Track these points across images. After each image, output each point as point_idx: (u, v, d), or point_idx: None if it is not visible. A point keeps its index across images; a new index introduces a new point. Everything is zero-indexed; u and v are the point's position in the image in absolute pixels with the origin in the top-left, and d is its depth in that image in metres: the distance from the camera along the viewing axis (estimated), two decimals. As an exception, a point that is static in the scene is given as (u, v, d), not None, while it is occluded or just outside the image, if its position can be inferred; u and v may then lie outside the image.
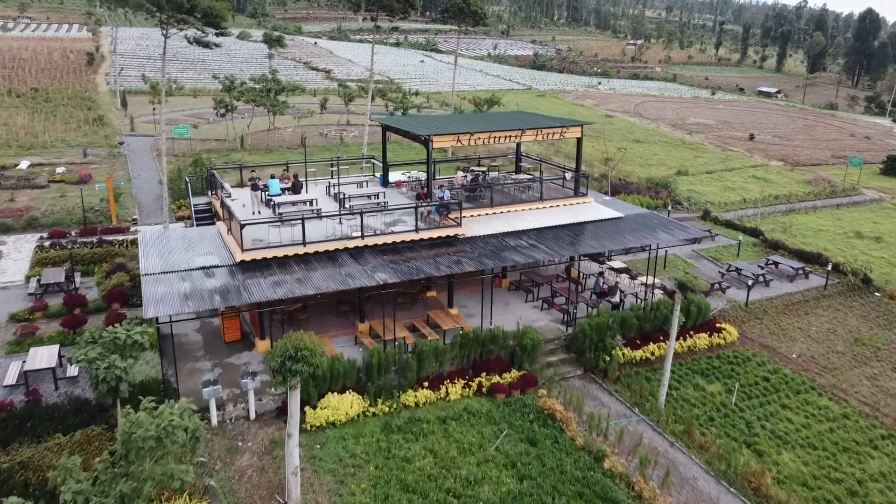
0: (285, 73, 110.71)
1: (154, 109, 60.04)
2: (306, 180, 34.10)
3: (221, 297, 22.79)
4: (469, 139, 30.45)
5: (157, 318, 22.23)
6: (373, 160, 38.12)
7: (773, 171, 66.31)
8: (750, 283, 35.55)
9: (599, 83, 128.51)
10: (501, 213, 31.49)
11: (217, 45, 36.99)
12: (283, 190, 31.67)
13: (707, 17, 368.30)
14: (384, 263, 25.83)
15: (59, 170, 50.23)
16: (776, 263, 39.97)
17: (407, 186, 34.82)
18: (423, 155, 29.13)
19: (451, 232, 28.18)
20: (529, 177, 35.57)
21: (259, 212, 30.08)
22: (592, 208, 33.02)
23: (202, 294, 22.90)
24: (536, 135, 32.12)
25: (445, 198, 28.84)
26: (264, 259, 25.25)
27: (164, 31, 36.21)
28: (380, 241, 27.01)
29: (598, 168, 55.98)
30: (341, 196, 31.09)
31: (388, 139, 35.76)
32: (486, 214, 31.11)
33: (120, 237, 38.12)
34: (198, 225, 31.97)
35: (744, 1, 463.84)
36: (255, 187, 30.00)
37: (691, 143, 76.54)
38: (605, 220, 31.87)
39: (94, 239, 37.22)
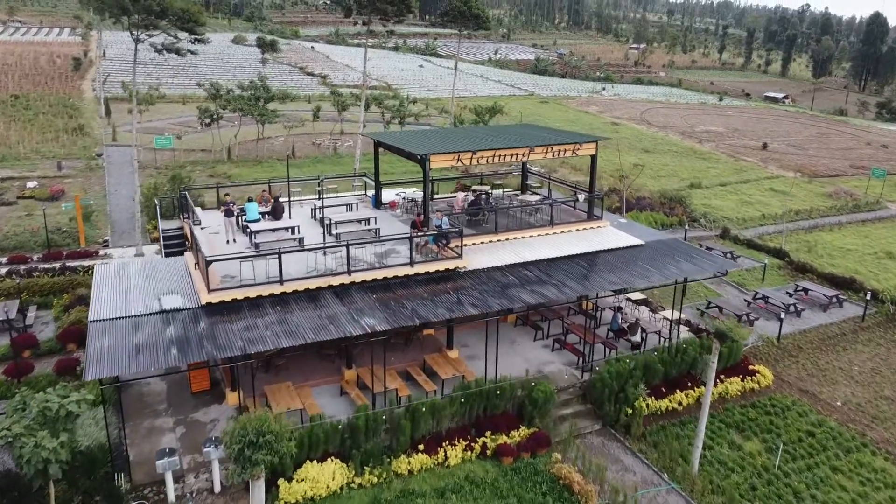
0: (280, 79, 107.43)
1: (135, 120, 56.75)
2: (290, 201, 30.64)
3: (180, 351, 19.30)
4: (471, 158, 27.02)
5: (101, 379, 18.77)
6: (365, 177, 34.71)
7: (790, 183, 62.84)
8: (782, 314, 32.08)
9: (603, 88, 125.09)
10: (507, 239, 28.09)
11: (192, 53, 33.52)
12: (262, 214, 28.31)
13: (709, 21, 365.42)
14: (373, 304, 22.38)
15: (31, 184, 46.79)
16: (806, 290, 36.55)
17: (401, 208, 31.42)
18: (419, 169, 25.81)
19: (450, 265, 24.74)
20: (538, 197, 32.12)
21: (234, 240, 26.69)
22: (609, 234, 29.57)
23: (157, 347, 19.42)
24: (546, 152, 28.69)
25: (444, 226, 25.38)
26: (234, 301, 21.77)
27: (135, 37, 32.80)
28: (369, 276, 23.56)
29: (606, 181, 52.63)
30: (327, 222, 27.70)
31: (383, 153, 32.27)
32: (490, 242, 27.73)
33: (87, 262, 34.68)
34: (167, 254, 28.54)
35: (744, 4, 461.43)
36: (228, 213, 26.56)
37: (702, 153, 73.11)
38: (623, 248, 28.41)
39: (58, 265, 33.76)
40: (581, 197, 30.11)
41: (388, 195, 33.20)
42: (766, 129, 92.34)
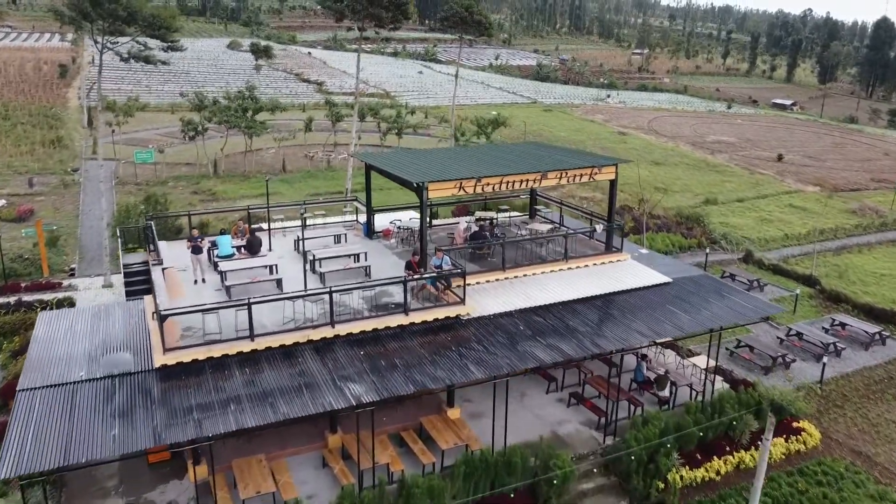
0: (274, 86, 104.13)
1: (113, 132, 53.20)
2: (269, 230, 27.15)
3: (121, 437, 15.80)
4: (475, 186, 23.56)
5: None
6: (356, 201, 31.25)
7: (809, 198, 59.48)
8: (824, 357, 28.62)
9: (608, 96, 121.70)
10: (515, 277, 24.63)
11: (163, 63, 30.10)
12: (237, 248, 24.89)
13: (710, 26, 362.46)
14: (360, 364, 18.92)
15: (-1, 203, 43.39)
16: (843, 324, 33.09)
17: (396, 237, 27.95)
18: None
19: (451, 312, 21.28)
20: (549, 225, 28.63)
21: (203, 280, 23.26)
22: (631, 270, 26.09)
23: (95, 429, 15.95)
24: (560, 177, 25.23)
25: (445, 266, 21.91)
26: (195, 362, 18.28)
27: (100, 45, 29.38)
28: (356, 327, 20.09)
29: (618, 196, 48.96)
30: (310, 257, 24.24)
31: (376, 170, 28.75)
32: (497, 280, 24.29)
33: (48, 296, 31.20)
34: (129, 295, 25.01)
35: (745, 9, 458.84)
36: (196, 249, 23.08)
37: (715, 165, 69.69)
38: (648, 287, 24.92)
39: (13, 300, 30.25)
40: (599, 227, 26.62)
41: (381, 221, 29.79)
42: (779, 139, 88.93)
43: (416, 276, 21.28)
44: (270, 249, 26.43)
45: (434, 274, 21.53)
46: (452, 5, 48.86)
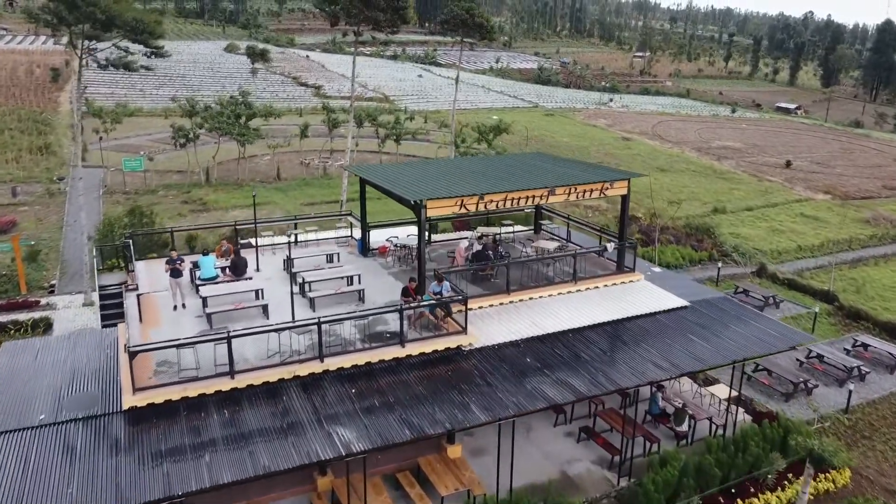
0: (271, 90, 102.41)
1: (101, 139, 51.40)
2: (257, 248, 25.36)
3: (78, 496, 13.99)
4: (477, 203, 21.81)
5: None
6: (350, 216, 29.46)
7: (820, 206, 57.71)
8: (849, 383, 26.84)
9: (611, 99, 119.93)
10: (521, 300, 22.85)
11: (146, 69, 28.32)
12: (221, 270, 23.13)
13: (711, 29, 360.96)
14: (351, 403, 17.18)
15: (-21, 214, 41.58)
16: (865, 345, 31.29)
17: (393, 256, 26.17)
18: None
19: (452, 342, 19.52)
20: (556, 243, 26.84)
21: (184, 305, 21.45)
22: (644, 292, 24.32)
23: (48, 489, 14.14)
24: (569, 193, 23.49)
25: (444, 292, 20.13)
26: (168, 403, 16.51)
27: (78, 51, 27.63)
28: (347, 361, 18.32)
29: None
30: (300, 280, 22.48)
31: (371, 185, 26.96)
32: (501, 304, 22.52)
33: (24, 315, 29.43)
34: (104, 320, 23.24)
35: (745, 11, 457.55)
36: (175, 272, 21.27)
37: (722, 172, 67.92)
38: (664, 312, 23.14)
39: (-15, 321, 28.47)
40: (610, 246, 24.84)
41: (377, 237, 28.02)
42: (786, 144, 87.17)
43: (413, 304, 19.48)
44: (258, 269, 24.69)
45: (433, 301, 19.74)
46: (453, 8, 47.11)
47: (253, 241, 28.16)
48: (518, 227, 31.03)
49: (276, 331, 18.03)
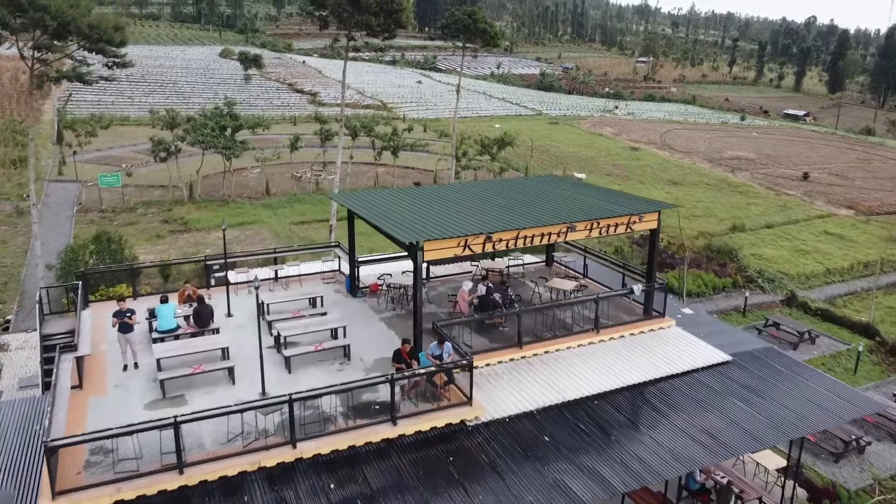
0: (266, 96, 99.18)
1: (74, 153, 47.99)
2: (228, 289, 21.91)
3: None
4: (484, 244, 18.41)
5: None
6: (338, 248, 26.04)
7: (844, 222, 54.33)
8: (909, 442, 23.40)
9: (616, 107, 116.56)
10: (535, 355, 19.44)
11: (107, 80, 24.91)
12: (184, 318, 19.75)
13: (712, 33, 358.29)
14: (328, 501, 13.74)
15: (-62, 236, 38.15)
16: (917, 389, 27.88)
17: (385, 296, 22.76)
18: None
19: (454, 416, 16.12)
20: (573, 282, 23.37)
21: (136, 365, 18.03)
22: (677, 342, 20.90)
23: None
24: (590, 229, 20.08)
25: (446, 355, 16.70)
26: (97, 509, 13.08)
27: (29, 62, 24.16)
28: (326, 445, 14.91)
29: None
30: (274, 332, 19.09)
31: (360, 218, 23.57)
32: (512, 360, 19.12)
33: (-31, 359, 25.92)
34: (48, 377, 19.73)
35: (746, 16, 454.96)
36: (124, 328, 17.84)
37: (737, 185, 64.52)
38: (704, 369, 19.71)
39: (-78, 368, 24.98)
40: (637, 288, 21.39)
41: (368, 271, 24.66)
42: (800, 154, 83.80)
43: (407, 374, 16.02)
44: (229, 314, 21.29)
45: (432, 368, 16.30)
46: (454, 13, 43.83)
47: (229, 273, 24.84)
48: (527, 258, 27.63)
49: (238, 411, 14.58)
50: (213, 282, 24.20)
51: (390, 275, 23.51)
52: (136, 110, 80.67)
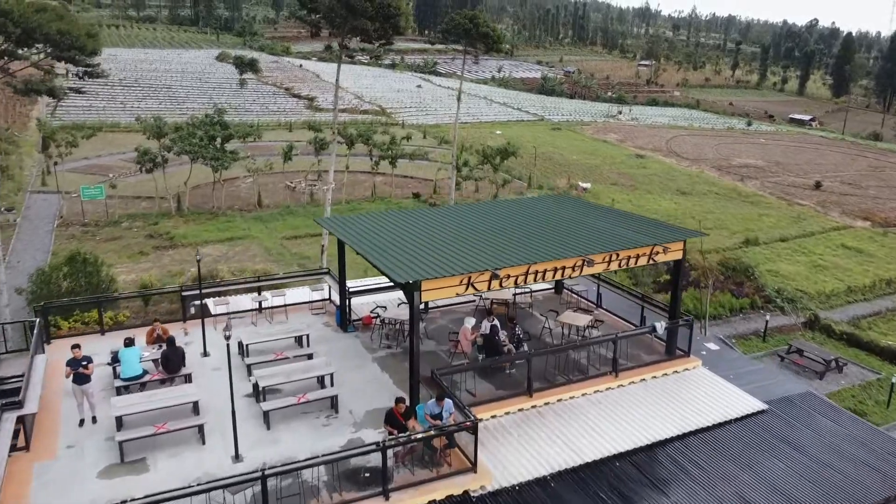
0: (262, 101, 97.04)
1: (55, 164, 45.76)
2: (204, 323, 19.66)
3: None
4: (490, 281, 16.23)
5: None
6: (328, 274, 23.83)
7: (861, 235, 52.15)
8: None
9: (620, 112, 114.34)
10: (547, 403, 17.28)
11: (77, 91, 22.79)
12: (153, 362, 17.58)
13: (713, 36, 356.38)
14: None
15: None
16: (958, 426, 25.61)
17: (379, 332, 20.58)
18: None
19: (456, 487, 13.93)
20: (588, 315, 21.14)
21: (94, 419, 15.87)
22: (705, 386, 18.77)
23: None
24: (609, 262, 17.90)
25: (447, 414, 14.48)
26: None
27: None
28: (307, 525, 12.71)
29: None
30: (252, 379, 16.90)
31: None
32: (521, 410, 16.97)
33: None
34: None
35: (747, 19, 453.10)
36: (79, 378, 15.65)
37: (748, 195, 62.33)
38: (738, 420, 17.50)
39: None
40: (660, 326, 19.18)
41: (360, 304, 22.49)
42: (810, 162, 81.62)
43: (401, 439, 13.79)
44: (206, 353, 19.12)
45: (431, 432, 14.08)
46: (454, 17, 41.66)
47: (209, 302, 22.69)
48: (535, 286, 25.38)
49: (201, 492, 12.34)
50: (192, 310, 22.09)
51: (384, 307, 21.32)
52: (127, 116, 78.42)
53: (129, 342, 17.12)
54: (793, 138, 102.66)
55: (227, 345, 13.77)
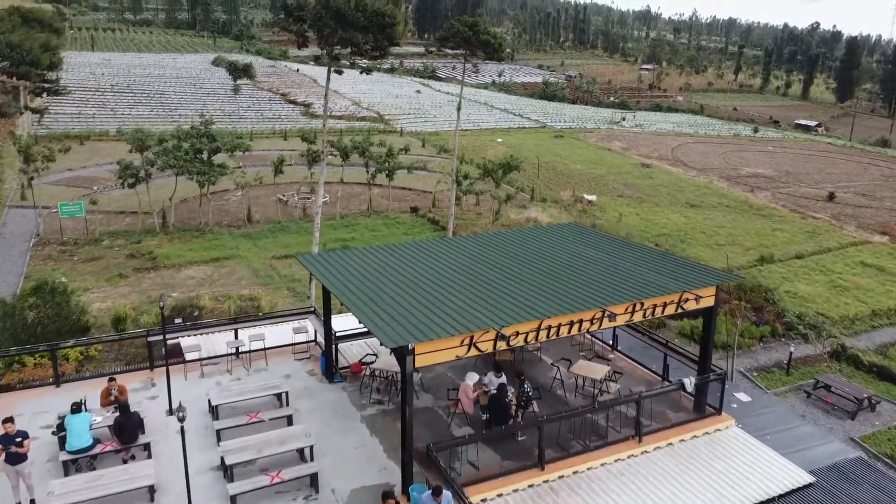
0: (257, 107, 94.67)
1: (31, 178, 43.27)
2: (168, 376, 17.25)
3: None
4: (496, 340, 13.87)
5: None
6: (314, 314, 21.45)
7: (880, 251, 49.76)
8: None
9: (623, 118, 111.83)
10: (561, 477, 14.92)
11: (35, 111, 20.38)
12: (107, 428, 15.22)
13: (715, 39, 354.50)
14: None
15: None
16: None
17: (369, 385, 18.20)
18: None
19: None
20: (606, 366, 18.75)
21: (31, 503, 13.44)
22: (741, 452, 16.38)
23: None
24: (633, 312, 15.54)
25: (444, 509, 12.10)
26: None
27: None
28: None
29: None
30: (221, 451, 14.51)
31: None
32: (532, 486, 14.64)
33: None
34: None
35: (747, 22, 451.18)
36: (14, 458, 13.28)
37: (759, 207, 59.95)
38: (781, 497, 15.12)
39: None
40: (688, 382, 16.80)
41: (349, 346, 20.17)
42: (821, 171, 79.21)
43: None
44: (171, 411, 16.73)
45: (425, 537, 11.71)
46: (454, 24, 39.31)
47: (187, 339, 20.34)
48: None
49: None
50: (163, 351, 19.72)
51: (375, 355, 18.91)
52: (117, 124, 76.12)
53: (76, 408, 14.72)
54: (801, 146, 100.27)
55: (182, 428, 11.39)
